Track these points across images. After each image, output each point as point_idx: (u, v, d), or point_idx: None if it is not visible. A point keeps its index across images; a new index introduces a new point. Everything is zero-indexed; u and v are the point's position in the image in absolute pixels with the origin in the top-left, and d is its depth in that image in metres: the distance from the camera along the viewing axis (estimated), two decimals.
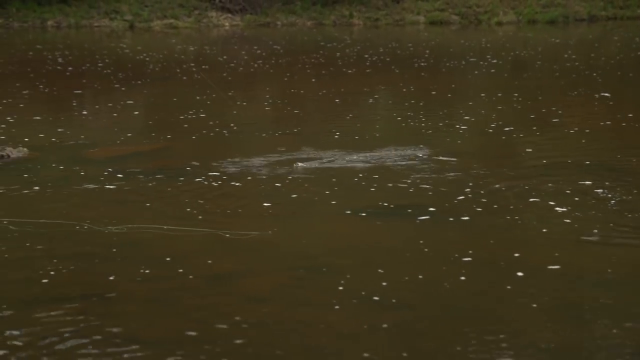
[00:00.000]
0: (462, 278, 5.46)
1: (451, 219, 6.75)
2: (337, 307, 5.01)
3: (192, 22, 33.67)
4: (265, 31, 31.56)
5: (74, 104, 13.91)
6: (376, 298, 5.13)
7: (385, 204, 7.21)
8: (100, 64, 19.24)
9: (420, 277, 5.51)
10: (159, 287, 5.30)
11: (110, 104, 13.53)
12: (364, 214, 6.92)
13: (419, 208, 7.02)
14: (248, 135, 10.86)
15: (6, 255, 5.90)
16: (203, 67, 19.06)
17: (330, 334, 4.66)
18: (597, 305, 5.08)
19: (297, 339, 4.60)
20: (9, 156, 9.15)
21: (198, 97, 14.04)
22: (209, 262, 5.79)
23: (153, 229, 6.33)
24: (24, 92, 14.86)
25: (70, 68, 18.59)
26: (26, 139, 10.23)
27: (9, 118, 11.87)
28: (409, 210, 6.99)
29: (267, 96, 14.27)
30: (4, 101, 13.69)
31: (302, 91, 15.16)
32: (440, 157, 9.01)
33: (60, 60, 19.94)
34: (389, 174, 8.28)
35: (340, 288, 5.30)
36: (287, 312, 4.96)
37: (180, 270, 5.57)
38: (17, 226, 6.49)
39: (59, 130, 11.07)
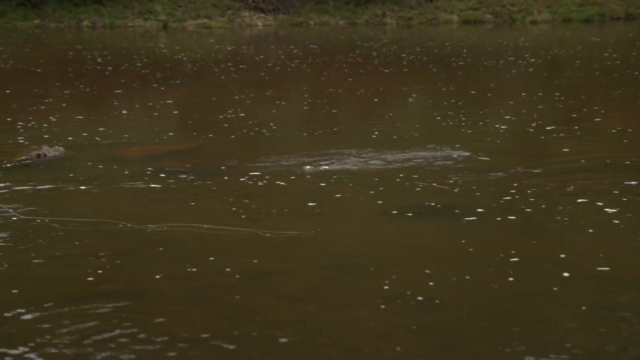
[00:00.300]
0: (509, 279, 5.36)
1: (498, 218, 6.64)
2: (375, 307, 4.95)
3: (225, 22, 33.81)
4: (298, 31, 31.59)
5: (115, 103, 13.99)
6: (419, 298, 5.06)
7: (428, 204, 7.11)
8: (138, 64, 19.37)
9: (463, 277, 5.42)
10: (196, 286, 5.28)
11: (150, 103, 13.57)
12: (405, 214, 6.83)
13: (462, 208, 6.93)
14: (286, 134, 10.84)
15: (50, 253, 5.90)
16: (240, 66, 19.11)
17: (368, 334, 4.60)
18: None
19: (334, 339, 4.54)
20: (45, 155, 9.22)
21: (237, 97, 14.06)
22: (247, 260, 5.75)
23: (192, 228, 6.33)
24: (65, 91, 14.99)
25: (109, 68, 18.72)
26: (70, 138, 10.32)
27: (51, 117, 11.97)
28: (452, 210, 6.91)
29: (306, 95, 14.25)
30: (46, 100, 13.84)
31: (340, 90, 15.10)
32: (481, 157, 8.91)
33: (99, 60, 20.10)
34: (430, 173, 8.19)
35: (381, 288, 5.23)
36: (324, 311, 4.90)
37: (218, 269, 5.54)
38: (59, 224, 6.49)
39: (97, 129, 11.10)
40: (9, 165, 8.85)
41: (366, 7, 35.03)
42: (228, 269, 5.54)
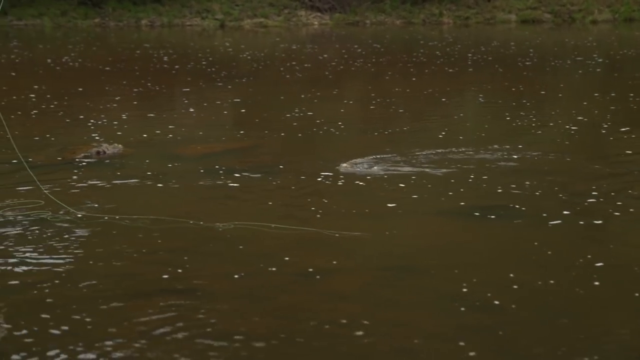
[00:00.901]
0: (569, 283, 5.30)
1: (560, 221, 6.55)
2: (431, 307, 4.93)
3: (282, 21, 33.91)
4: (354, 30, 31.53)
5: (183, 101, 14.15)
6: (475, 300, 5.02)
7: (490, 205, 7.06)
8: (204, 62, 19.53)
9: (522, 280, 5.35)
10: (254, 284, 5.31)
11: (212, 102, 13.68)
12: (465, 215, 6.79)
13: (526, 209, 6.87)
14: (350, 133, 10.81)
15: (113, 250, 5.98)
16: (305, 65, 19.12)
17: (423, 335, 4.58)
18: None
19: (386, 339, 4.53)
20: (104, 152, 9.36)
21: (302, 96, 14.08)
22: (303, 260, 5.76)
23: (257, 227, 6.32)
24: (134, 89, 15.22)
25: (176, 66, 18.93)
26: (144, 135, 10.49)
27: (116, 115, 12.17)
28: (513, 212, 6.85)
29: (372, 95, 14.18)
30: (115, 98, 14.05)
31: (407, 90, 15.03)
32: (550, 157, 8.81)
33: (165, 58, 20.32)
34: (495, 174, 8.11)
35: (437, 289, 5.22)
36: (379, 311, 4.89)
37: (275, 268, 5.56)
38: (122, 222, 6.58)
39: (158, 127, 11.27)
40: (69, 162, 8.99)
41: (423, 7, 34.82)
42: (285, 268, 5.57)
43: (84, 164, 8.88)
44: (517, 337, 4.52)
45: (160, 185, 7.93)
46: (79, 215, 6.69)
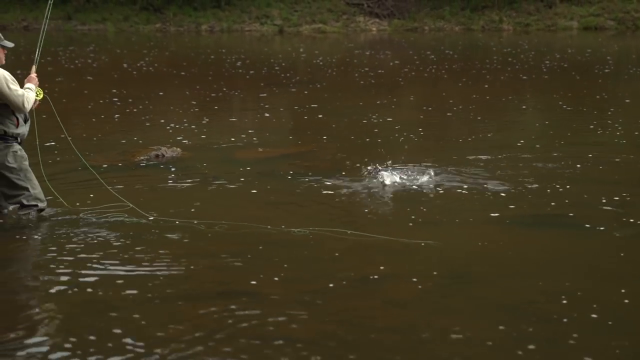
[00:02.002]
0: (617, 292, 5.19)
1: (617, 234, 6.43)
2: (488, 316, 4.86)
3: (340, 27, 33.98)
4: (412, 36, 31.43)
5: (244, 105, 14.28)
6: (526, 309, 4.95)
7: (548, 213, 6.98)
8: (276, 67, 19.71)
9: (580, 290, 5.27)
10: (309, 289, 5.31)
11: (276, 107, 13.80)
12: (523, 224, 6.73)
13: (585, 219, 6.77)
14: (411, 140, 10.77)
15: (176, 252, 6.04)
16: (379, 71, 19.08)
17: (477, 344, 4.51)
18: None
19: (443, 347, 4.48)
20: (163, 155, 9.50)
21: (361, 102, 14.09)
22: (359, 266, 5.75)
23: (332, 233, 6.31)
24: (212, 95, 15.48)
25: (251, 72, 19.14)
26: (203, 138, 10.60)
27: (184, 119, 12.34)
28: (572, 221, 6.77)
29: (451, 101, 14.09)
30: (178, 102, 14.24)
31: (487, 97, 14.90)
32: (620, 166, 8.66)
33: (239, 63, 20.57)
34: (557, 182, 8.00)
35: (494, 297, 5.15)
36: (434, 319, 4.85)
37: (333, 273, 5.56)
38: (183, 224, 6.65)
39: (218, 131, 11.41)
40: (130, 165, 9.16)
41: (482, 13, 34.54)
42: (342, 274, 5.56)
43: (143, 166, 9.03)
44: (575, 349, 4.44)
45: (218, 189, 8.00)
46: (151, 219, 6.77)
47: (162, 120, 12.37)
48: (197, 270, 5.63)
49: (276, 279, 5.45)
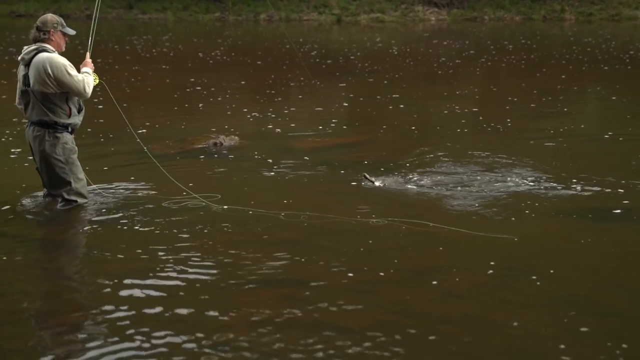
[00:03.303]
0: None
1: None
2: (544, 309, 4.80)
3: (398, 17, 33.79)
4: (472, 26, 31.08)
5: (300, 95, 14.30)
6: (584, 303, 4.88)
7: (606, 207, 6.84)
8: (351, 57, 19.70)
9: (632, 284, 5.17)
10: (365, 279, 5.30)
11: (353, 96, 13.79)
12: (580, 217, 6.61)
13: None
14: (468, 131, 10.66)
15: (229, 239, 6.10)
16: (438, 61, 18.94)
17: (534, 336, 4.45)
18: None
19: (496, 339, 4.43)
20: (222, 144, 9.56)
21: (419, 92, 14.00)
22: (417, 257, 5.74)
23: (413, 225, 6.27)
24: (291, 84, 15.61)
25: (328, 61, 19.18)
26: (261, 127, 10.65)
27: (264, 108, 12.43)
28: (631, 215, 6.62)
29: (534, 92, 13.90)
30: (252, 90, 14.32)
31: (574, 88, 14.64)
32: None
33: (313, 53, 20.63)
34: (616, 175, 7.84)
35: (550, 290, 5.08)
36: (490, 311, 4.79)
37: (388, 263, 5.55)
38: (233, 213, 6.70)
39: (278, 120, 11.45)
40: (188, 153, 9.25)
41: (544, 2, 33.97)
42: (400, 265, 5.55)
43: (201, 154, 9.12)
44: (633, 344, 4.35)
45: (276, 177, 8.05)
46: (225, 207, 6.82)
47: (221, 109, 12.48)
48: (252, 258, 5.66)
49: (332, 268, 5.46)
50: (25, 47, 6.57)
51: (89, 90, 6.49)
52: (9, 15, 34.73)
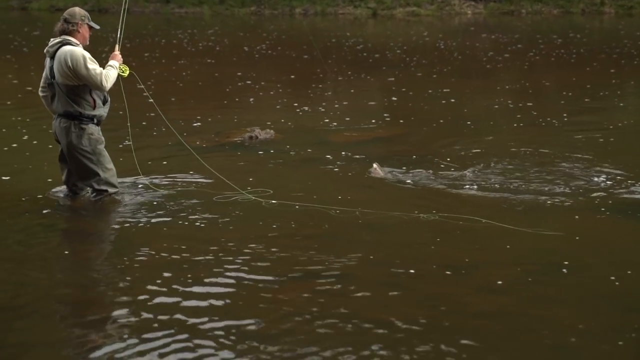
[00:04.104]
0: None
1: None
2: (582, 305, 4.76)
3: (434, 10, 33.55)
4: (509, 19, 30.75)
5: (337, 88, 14.27)
6: (623, 299, 4.83)
7: None
8: (398, 51, 19.68)
9: None
10: (400, 273, 5.29)
11: (368, 90, 13.74)
12: (620, 213, 6.53)
13: None
14: (503, 126, 10.56)
15: (269, 231, 6.13)
16: (475, 55, 18.76)
17: (572, 332, 4.42)
18: None
19: (536, 334, 4.40)
20: (257, 137, 9.59)
21: (455, 86, 13.89)
22: (453, 251, 5.71)
23: (463, 220, 6.23)
24: (306, 77, 15.56)
25: (376, 55, 19.12)
26: (295, 121, 10.64)
27: (299, 102, 12.46)
28: None
29: (588, 85, 13.75)
30: (287, 84, 14.32)
31: (585, 82, 14.41)
32: None
33: (359, 47, 20.62)
34: None
35: (589, 286, 5.05)
36: (527, 306, 4.76)
37: (423, 257, 5.54)
38: (282, 207, 6.69)
39: (313, 113, 11.46)
40: (224, 146, 9.29)
41: None
42: (435, 259, 5.53)
43: (237, 148, 9.16)
44: None
45: (311, 171, 8.06)
46: (274, 202, 6.80)
47: (256, 102, 12.52)
48: (288, 251, 5.68)
49: (366, 262, 5.46)
50: (51, 40, 6.64)
51: (106, 83, 6.49)
52: (49, 9, 35.15)
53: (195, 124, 10.56)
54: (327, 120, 10.85)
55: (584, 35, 23.86)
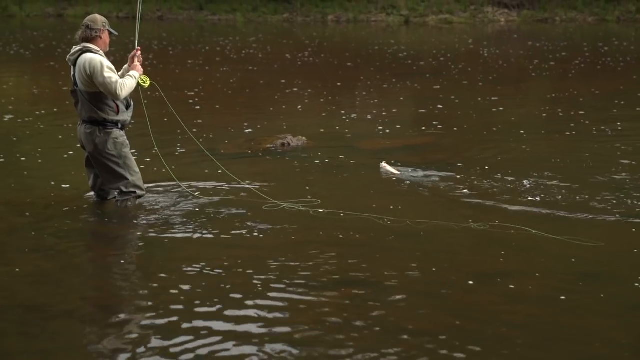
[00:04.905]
0: None
1: None
2: (618, 316, 4.70)
3: (467, 18, 33.45)
4: (542, 27, 30.56)
5: (366, 96, 14.24)
6: None
7: None
8: (441, 59, 19.67)
9: None
10: (430, 281, 5.27)
11: (419, 98, 13.71)
12: None
13: None
14: (534, 134, 10.46)
15: (300, 239, 6.14)
16: (551, 63, 18.68)
17: (608, 344, 4.36)
18: None
19: (570, 346, 4.35)
20: (289, 144, 9.61)
21: (486, 94, 13.82)
22: (485, 259, 5.68)
23: (516, 230, 6.17)
24: (368, 83, 15.64)
25: (421, 63, 19.17)
26: (327, 128, 10.64)
27: (331, 109, 12.49)
28: None
29: (580, 97, 13.63)
30: (319, 91, 14.36)
31: (620, 92, 14.25)
32: None
33: (401, 55, 20.66)
34: None
35: (625, 297, 4.98)
36: (558, 316, 4.71)
37: (456, 266, 5.51)
38: (313, 213, 6.70)
39: (345, 120, 11.45)
40: (256, 153, 9.32)
41: (618, 3, 33.17)
42: (467, 267, 5.50)
43: (269, 155, 9.19)
44: None
45: (345, 178, 8.05)
46: (321, 211, 6.82)
47: (289, 109, 12.56)
48: (318, 258, 5.68)
49: (397, 269, 5.44)
50: (73, 48, 6.70)
51: (121, 92, 6.48)
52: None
53: (228, 130, 10.63)
54: (358, 128, 10.86)
55: (631, 43, 23.58)
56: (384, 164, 8.24)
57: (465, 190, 7.45)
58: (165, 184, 7.55)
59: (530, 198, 7.18)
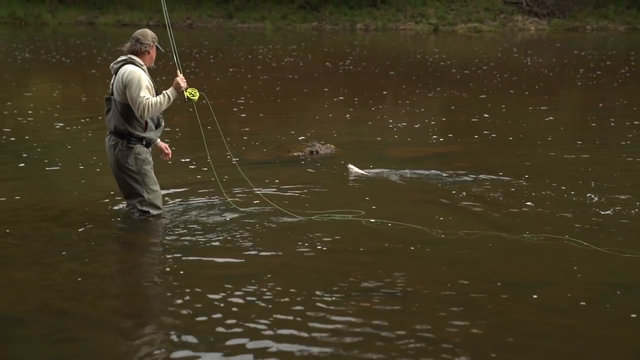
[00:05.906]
0: None
1: None
2: None
3: (497, 26, 33.33)
4: (573, 36, 30.36)
5: (417, 104, 14.26)
6: None
7: None
8: (484, 67, 19.64)
9: None
10: (461, 290, 5.23)
11: (428, 106, 13.66)
12: None
13: None
14: (562, 144, 10.38)
15: (324, 247, 6.12)
16: (597, 72, 18.49)
17: (635, 355, 4.30)
18: None
19: (603, 356, 4.31)
20: (317, 152, 9.62)
21: (515, 103, 13.73)
22: (517, 269, 5.63)
23: (568, 241, 6.10)
24: (366, 92, 15.65)
25: (465, 72, 19.14)
26: (356, 136, 10.68)
27: (360, 116, 12.45)
28: None
29: (610, 104, 13.47)
30: (335, 99, 14.32)
31: None
32: None
33: (442, 63, 20.69)
34: None
35: None
36: (593, 327, 4.66)
37: (485, 275, 5.47)
38: (393, 226, 6.64)
39: (373, 128, 11.45)
40: (284, 161, 9.34)
41: None
42: (498, 277, 5.46)
43: (298, 162, 9.19)
44: None
45: (372, 186, 8.03)
46: (373, 221, 6.77)
47: (318, 117, 12.57)
48: (345, 267, 5.66)
49: (426, 279, 5.41)
50: (119, 57, 6.71)
51: (145, 114, 6.42)
52: (115, 24, 35.97)
53: (257, 138, 10.66)
54: (386, 135, 10.84)
55: (620, 52, 23.34)
56: (350, 166, 8.28)
57: (510, 200, 7.41)
58: (202, 190, 7.56)
59: (571, 207, 7.12)
